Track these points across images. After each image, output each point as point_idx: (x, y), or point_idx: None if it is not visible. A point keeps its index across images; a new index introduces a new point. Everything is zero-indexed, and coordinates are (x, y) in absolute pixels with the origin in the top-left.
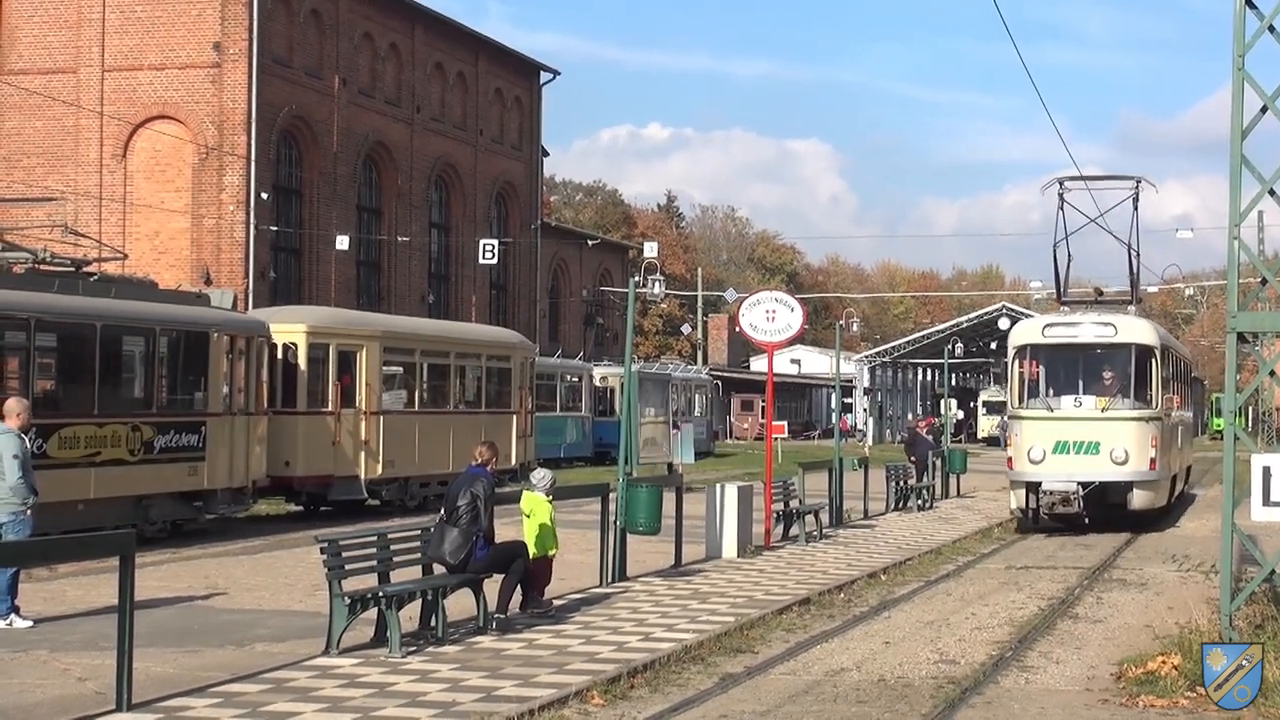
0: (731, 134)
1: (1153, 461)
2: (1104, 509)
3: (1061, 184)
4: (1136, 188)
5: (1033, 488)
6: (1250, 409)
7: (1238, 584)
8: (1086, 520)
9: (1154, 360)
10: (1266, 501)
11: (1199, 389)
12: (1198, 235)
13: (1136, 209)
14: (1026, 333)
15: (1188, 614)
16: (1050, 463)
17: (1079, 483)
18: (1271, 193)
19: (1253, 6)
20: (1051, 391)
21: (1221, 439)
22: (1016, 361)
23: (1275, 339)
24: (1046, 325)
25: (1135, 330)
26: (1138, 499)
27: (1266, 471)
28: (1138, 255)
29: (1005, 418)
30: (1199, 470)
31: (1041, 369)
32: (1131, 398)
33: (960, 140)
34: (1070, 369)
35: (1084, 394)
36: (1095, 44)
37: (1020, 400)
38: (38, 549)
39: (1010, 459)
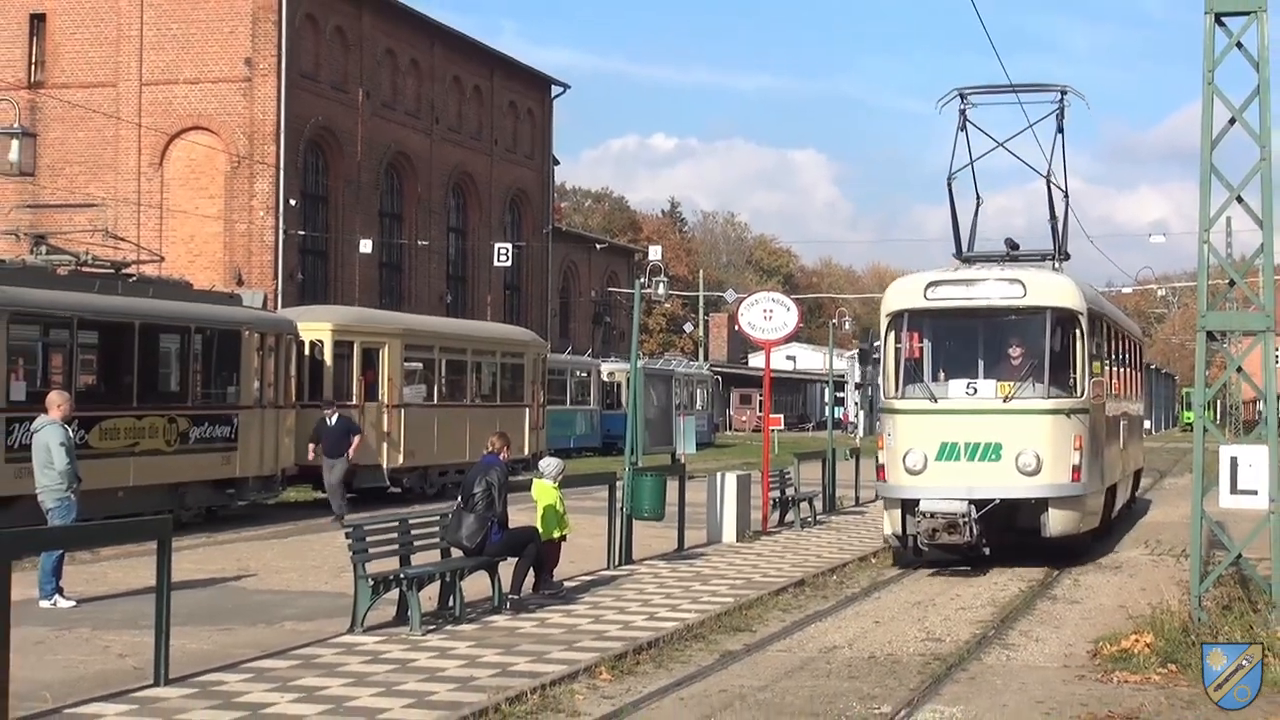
0: (733, 144)
1: (1076, 470)
2: (1013, 534)
3: (964, 97)
4: (1061, 100)
5: (910, 507)
6: (1219, 403)
7: (1207, 567)
8: (986, 551)
9: (1079, 331)
10: (1234, 490)
11: (1170, 384)
12: (1170, 239)
13: (1062, 130)
14: (904, 294)
15: (1159, 595)
16: (933, 473)
17: (972, 501)
18: (1239, 199)
19: (1222, 25)
20: (943, 375)
21: (1192, 431)
22: (891, 334)
23: (1242, 337)
24: (931, 284)
25: (1052, 290)
26: (1055, 522)
27: (1234, 461)
28: (1065, 195)
29: (877, 412)
30: (1168, 460)
31: (925, 344)
32: (1046, 382)
33: (949, 150)
34: (963, 344)
35: (981, 378)
36: (1078, 59)
37: (895, 387)
38: (81, 533)
39: (881, 468)
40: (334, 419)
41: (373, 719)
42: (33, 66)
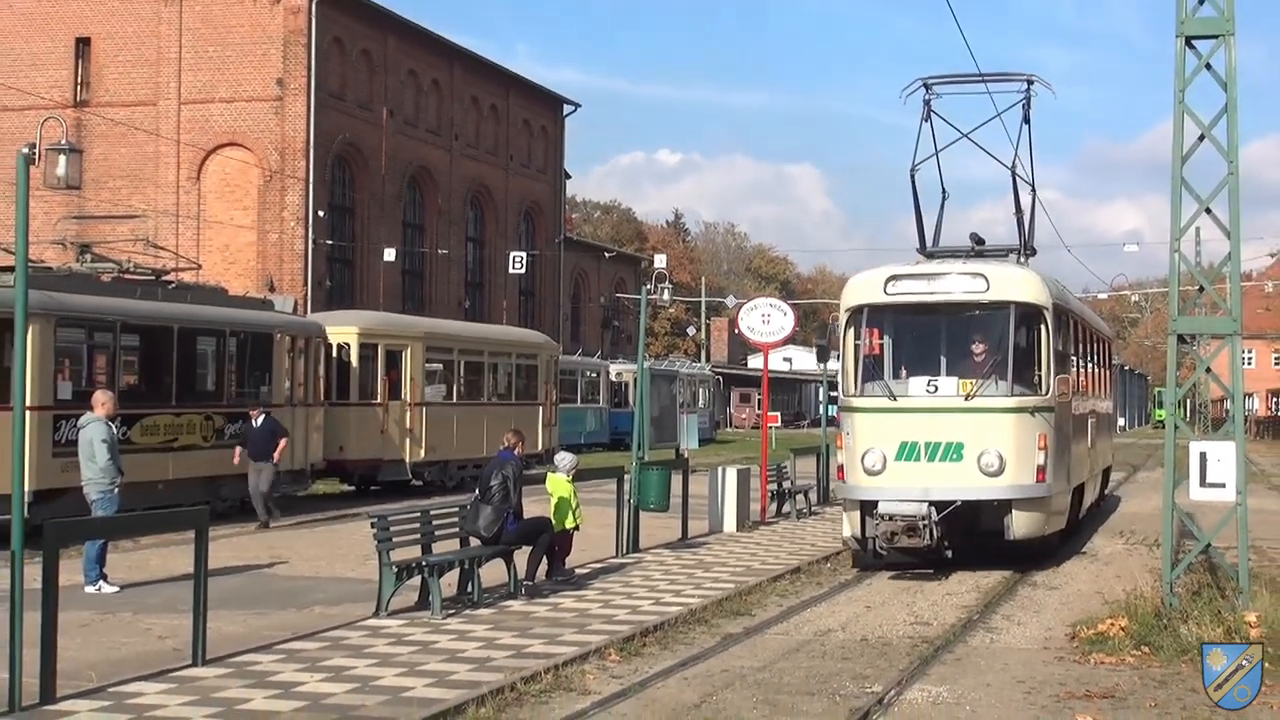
0: (734, 159)
1: (1041, 470)
2: (976, 536)
3: (928, 87)
4: (1028, 90)
5: (869, 509)
6: (1189, 401)
7: (1178, 555)
8: (948, 554)
9: (1044, 326)
10: (1203, 483)
11: (1143, 384)
12: (1144, 248)
13: (1028, 121)
14: (863, 289)
15: (1133, 582)
16: (893, 473)
17: (932, 502)
18: (1208, 211)
19: (1192, 47)
20: (903, 372)
21: (1164, 428)
22: (850, 330)
23: (1211, 339)
24: (891, 278)
25: (1015, 284)
26: (1019, 524)
27: (1203, 456)
28: (1032, 188)
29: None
30: (1141, 455)
31: (885, 340)
32: (1010, 380)
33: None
34: (924, 340)
35: (943, 375)
36: (1061, 79)
37: (854, 385)
38: (123, 523)
39: (841, 468)
40: (259, 421)
41: (397, 697)
42: (78, 87)
